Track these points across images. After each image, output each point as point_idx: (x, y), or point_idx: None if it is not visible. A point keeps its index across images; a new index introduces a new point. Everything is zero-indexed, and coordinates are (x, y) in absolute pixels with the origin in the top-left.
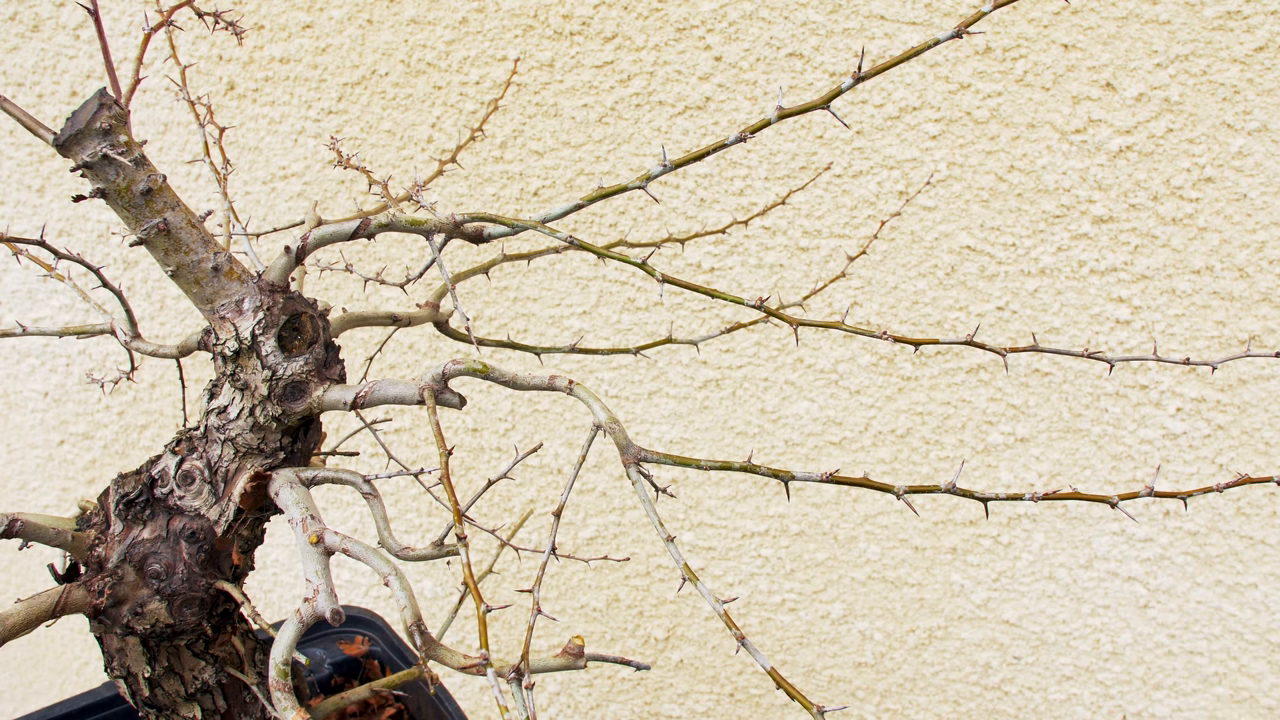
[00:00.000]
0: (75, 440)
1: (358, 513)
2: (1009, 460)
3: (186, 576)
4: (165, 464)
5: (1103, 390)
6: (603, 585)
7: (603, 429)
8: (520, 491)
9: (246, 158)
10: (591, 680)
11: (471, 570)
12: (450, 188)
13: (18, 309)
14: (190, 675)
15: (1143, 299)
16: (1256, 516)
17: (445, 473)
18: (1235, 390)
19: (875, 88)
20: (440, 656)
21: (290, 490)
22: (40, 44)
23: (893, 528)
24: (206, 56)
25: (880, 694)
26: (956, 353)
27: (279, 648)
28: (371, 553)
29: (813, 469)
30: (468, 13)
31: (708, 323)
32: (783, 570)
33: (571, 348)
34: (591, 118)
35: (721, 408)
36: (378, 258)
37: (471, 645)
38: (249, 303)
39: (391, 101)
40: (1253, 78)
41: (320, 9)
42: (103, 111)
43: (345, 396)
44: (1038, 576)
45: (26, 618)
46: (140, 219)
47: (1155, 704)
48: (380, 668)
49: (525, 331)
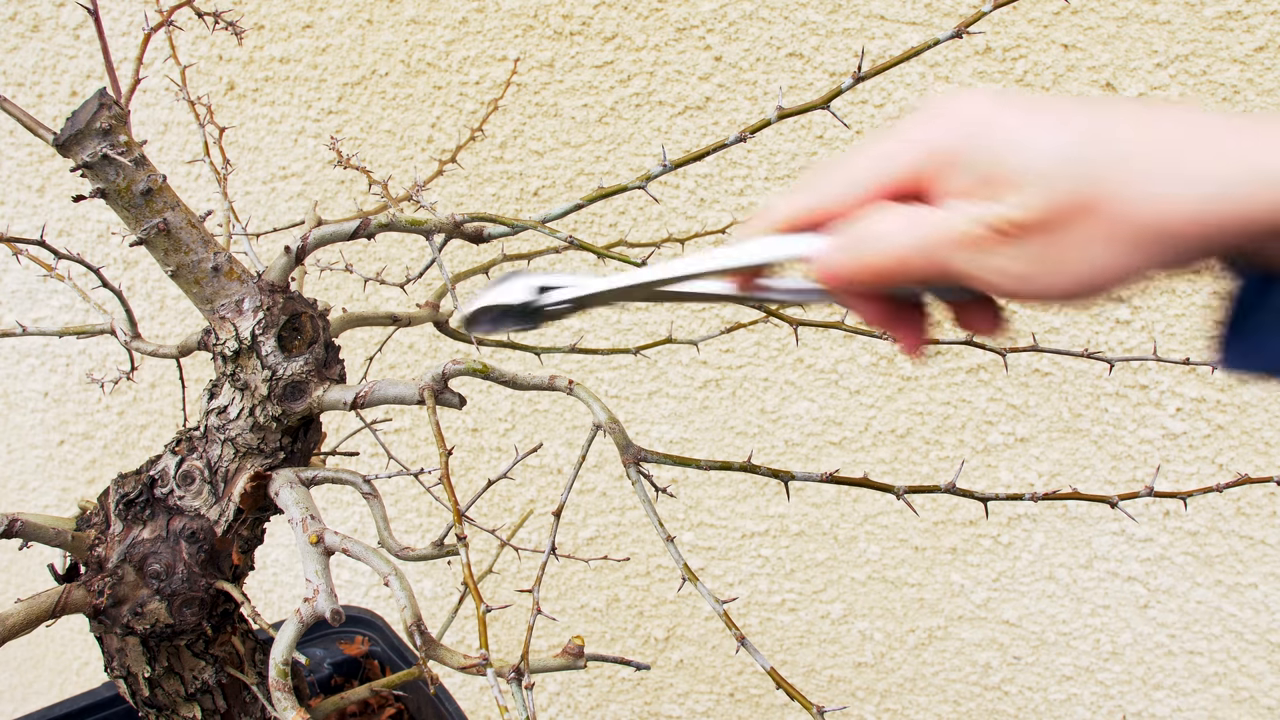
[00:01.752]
0: (75, 440)
1: (358, 513)
2: (1009, 460)
3: (186, 576)
4: (165, 464)
5: (1103, 390)
6: (603, 585)
7: (603, 429)
8: (520, 491)
9: (246, 158)
10: (591, 680)
11: (471, 570)
12: (450, 188)
13: (18, 309)
14: (190, 675)
15: (1143, 299)
16: (1256, 516)
17: (445, 473)
18: (1235, 390)
19: (875, 88)
20: (440, 656)
21: (290, 490)
22: (40, 44)
23: (893, 528)
24: (206, 56)
25: (880, 694)
26: (956, 353)
27: (279, 648)
28: (371, 553)
29: (813, 469)
30: (468, 13)
31: (708, 323)
32: (783, 570)
33: (571, 348)
34: (591, 118)
35: (721, 408)
36: (378, 258)
37: (471, 645)
38: (249, 303)
39: (391, 101)
40: (1253, 78)
41: (320, 9)
42: (103, 111)
43: (345, 396)
44: (1038, 576)
45: (26, 618)
46: (140, 219)
47: (1155, 704)
48: (380, 668)
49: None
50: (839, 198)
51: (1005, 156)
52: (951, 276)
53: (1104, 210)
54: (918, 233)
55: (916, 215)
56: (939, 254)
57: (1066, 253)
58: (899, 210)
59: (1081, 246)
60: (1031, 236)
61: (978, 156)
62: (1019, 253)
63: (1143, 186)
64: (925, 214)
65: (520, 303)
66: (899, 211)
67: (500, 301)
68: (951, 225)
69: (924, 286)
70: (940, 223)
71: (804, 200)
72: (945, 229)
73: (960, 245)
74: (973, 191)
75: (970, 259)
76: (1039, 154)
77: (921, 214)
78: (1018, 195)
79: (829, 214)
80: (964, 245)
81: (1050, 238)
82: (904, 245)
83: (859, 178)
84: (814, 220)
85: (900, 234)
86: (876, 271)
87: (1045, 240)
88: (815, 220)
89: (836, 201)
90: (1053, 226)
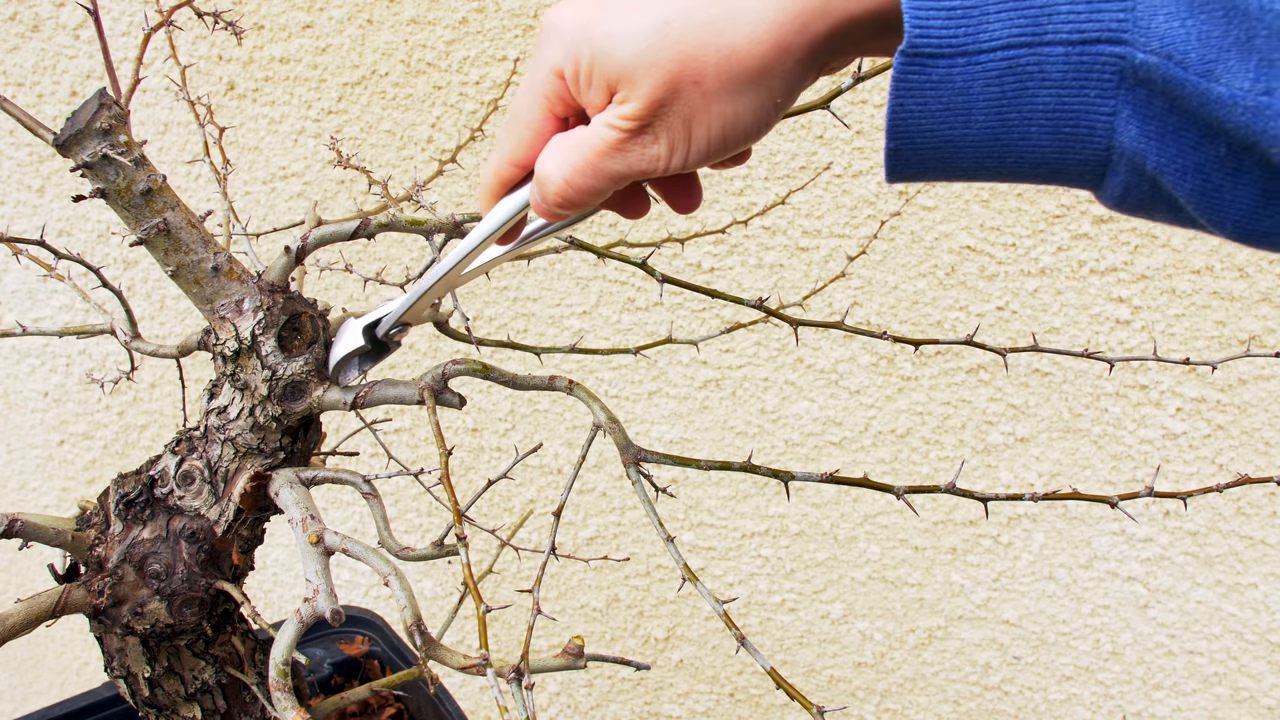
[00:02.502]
0: (75, 440)
1: (358, 513)
2: (1009, 460)
3: (186, 576)
4: (165, 464)
5: (1103, 390)
6: (603, 585)
7: (602, 429)
8: (520, 491)
9: (246, 158)
10: (591, 680)
11: (471, 570)
12: (450, 188)
13: (18, 309)
14: (190, 675)
15: (1143, 299)
16: (1256, 516)
17: (445, 473)
18: (1235, 390)
19: (875, 87)
20: (440, 656)
21: (290, 490)
22: (40, 44)
23: (893, 528)
24: (206, 56)
25: (880, 694)
26: (956, 353)
27: (279, 648)
28: (371, 553)
29: (813, 469)
30: (468, 13)
31: (708, 323)
32: (783, 570)
33: (571, 348)
34: None
35: (721, 408)
36: (378, 258)
37: (471, 645)
38: (249, 303)
39: (391, 101)
40: None
41: (320, 9)
42: (103, 111)
43: (345, 397)
44: (1038, 576)
45: (26, 618)
46: (140, 219)
47: (1155, 704)
48: (380, 668)
49: (525, 331)
50: (519, 149)
51: (608, 58)
52: (619, 178)
53: (704, 71)
54: (570, 160)
55: (563, 145)
56: (597, 168)
57: (694, 119)
58: (552, 146)
59: (703, 109)
60: (656, 119)
61: (591, 66)
62: (655, 136)
63: (726, 39)
64: (568, 140)
65: (360, 346)
66: (552, 147)
67: (347, 351)
68: (590, 140)
69: (615, 187)
70: (581, 143)
71: (498, 161)
72: (588, 147)
73: (607, 154)
74: (602, 99)
75: (621, 160)
76: (631, 45)
77: (566, 141)
78: (629, 89)
79: (521, 165)
80: (610, 152)
81: (671, 112)
82: (567, 176)
83: (524, 122)
84: (515, 175)
85: (559, 169)
86: (566, 202)
87: (669, 117)
88: (516, 175)
89: (520, 154)
90: (668, 102)
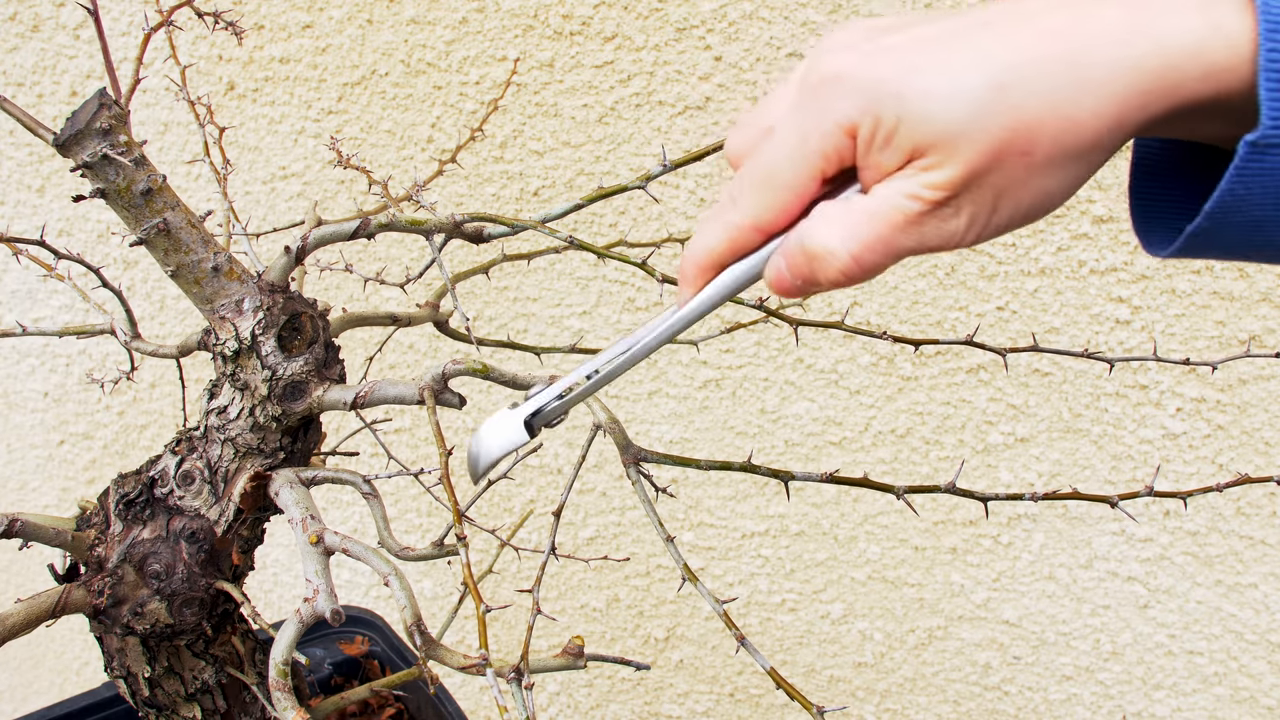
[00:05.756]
0: (75, 440)
1: (358, 513)
2: (1009, 460)
3: (186, 576)
4: (165, 464)
5: (1103, 390)
6: (603, 585)
7: (602, 429)
8: (520, 491)
9: (246, 158)
10: (591, 680)
11: (471, 570)
12: (450, 188)
13: (18, 309)
14: (190, 675)
15: (1143, 299)
16: (1256, 516)
17: (445, 473)
18: (1235, 390)
19: None
20: (440, 656)
21: (290, 490)
22: (40, 44)
23: (893, 528)
24: (206, 56)
25: (880, 694)
26: (956, 353)
27: (279, 648)
28: (371, 553)
29: (813, 469)
30: (468, 13)
31: (707, 322)
32: (783, 570)
33: (571, 348)
34: (591, 118)
35: (721, 408)
36: (378, 258)
37: (471, 645)
38: (249, 303)
39: (391, 101)
40: None
41: (320, 9)
42: (103, 111)
43: (345, 396)
44: (1038, 576)
45: (26, 618)
46: (140, 219)
47: (1155, 704)
48: (380, 668)
49: (525, 331)
50: (772, 214)
51: (926, 121)
52: (905, 255)
53: (1036, 142)
54: (860, 235)
55: (845, 216)
56: (890, 243)
57: (1006, 193)
58: (833, 217)
59: (1021, 182)
60: (966, 190)
61: (895, 127)
62: (957, 209)
63: (1067, 111)
64: (852, 211)
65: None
66: (826, 218)
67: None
68: (884, 212)
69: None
70: (873, 214)
71: (739, 224)
72: (882, 219)
73: (903, 228)
74: (900, 165)
75: (915, 234)
76: (956, 108)
77: (849, 213)
78: (944, 155)
79: (769, 231)
80: (907, 226)
81: (985, 184)
82: (855, 252)
83: (782, 182)
84: (756, 243)
85: (845, 243)
86: (848, 281)
87: (981, 189)
88: (757, 243)
89: (772, 219)
90: (986, 173)
